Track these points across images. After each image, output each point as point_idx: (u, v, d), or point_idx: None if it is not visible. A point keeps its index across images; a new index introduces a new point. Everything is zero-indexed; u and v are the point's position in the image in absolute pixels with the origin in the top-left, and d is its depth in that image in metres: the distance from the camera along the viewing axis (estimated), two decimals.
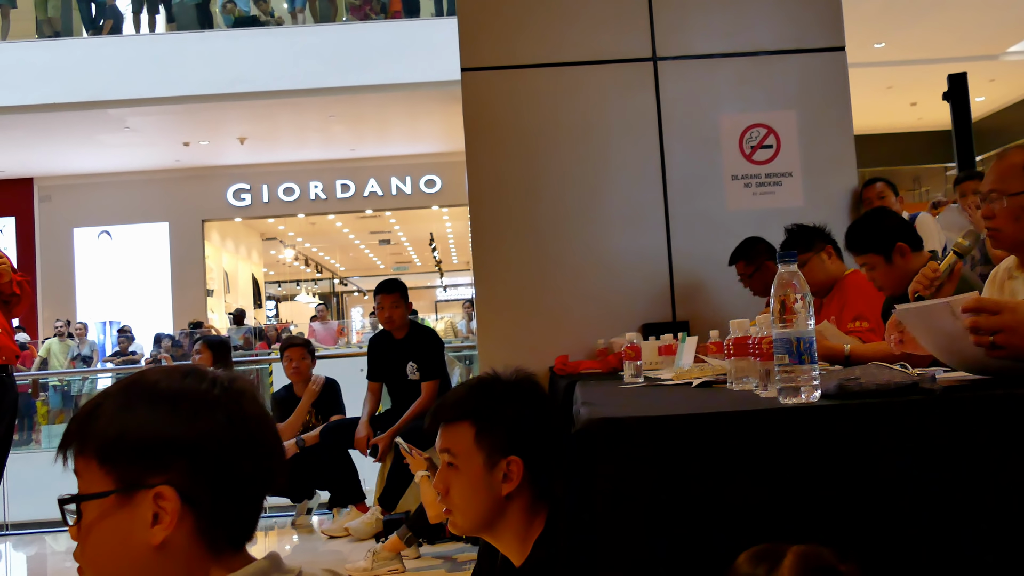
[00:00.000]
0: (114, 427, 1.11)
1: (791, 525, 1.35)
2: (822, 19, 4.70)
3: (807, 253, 3.66)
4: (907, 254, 2.98)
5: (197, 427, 1.11)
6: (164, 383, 1.15)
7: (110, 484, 1.10)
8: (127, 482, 1.10)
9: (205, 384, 1.16)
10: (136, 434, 1.10)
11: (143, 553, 1.10)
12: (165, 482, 1.09)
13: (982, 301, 1.54)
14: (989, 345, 1.52)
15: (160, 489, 1.09)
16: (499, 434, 1.81)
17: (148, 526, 1.09)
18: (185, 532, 1.11)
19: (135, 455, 1.10)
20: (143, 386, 1.15)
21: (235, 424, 1.14)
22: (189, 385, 1.15)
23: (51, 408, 11.06)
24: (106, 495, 1.10)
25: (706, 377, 2.31)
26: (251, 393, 1.19)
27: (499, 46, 4.68)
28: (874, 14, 9.90)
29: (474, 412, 1.84)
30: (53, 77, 11.89)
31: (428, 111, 13.16)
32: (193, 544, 1.11)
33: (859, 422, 1.40)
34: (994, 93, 13.58)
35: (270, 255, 22.62)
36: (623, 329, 3.94)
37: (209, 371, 1.19)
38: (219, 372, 1.20)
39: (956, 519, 1.36)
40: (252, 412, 1.17)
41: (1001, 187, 2.13)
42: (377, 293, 5.31)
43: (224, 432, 1.12)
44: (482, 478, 1.81)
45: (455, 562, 4.45)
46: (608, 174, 4.63)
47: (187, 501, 1.10)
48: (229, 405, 1.14)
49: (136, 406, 1.12)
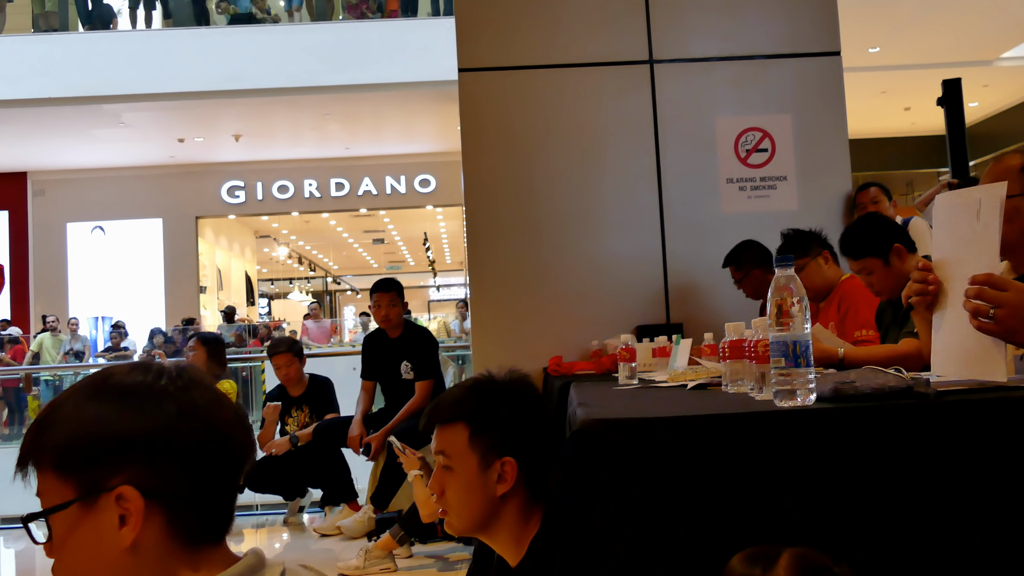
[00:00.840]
0: (63, 433, 1.07)
1: (787, 526, 1.36)
2: (818, 23, 4.72)
3: (804, 258, 3.66)
4: (904, 256, 2.99)
5: (146, 421, 1.07)
6: (111, 380, 1.11)
7: (70, 493, 1.07)
8: (86, 488, 1.06)
9: (151, 376, 1.12)
10: (86, 437, 1.06)
11: (117, 557, 1.07)
12: (124, 482, 1.06)
13: (993, 276, 1.56)
14: (988, 316, 1.53)
15: (120, 490, 1.05)
16: (493, 435, 1.82)
17: (116, 529, 1.06)
18: (155, 530, 1.07)
19: (89, 459, 1.06)
20: (90, 387, 1.11)
21: (186, 414, 1.09)
22: (135, 379, 1.11)
23: (42, 403, 11.03)
24: (68, 505, 1.07)
25: (701, 379, 2.32)
26: (201, 381, 1.14)
27: (496, 47, 4.69)
28: (869, 19, 9.94)
29: (468, 414, 1.85)
30: (48, 71, 11.87)
31: (423, 111, 13.17)
32: (166, 541, 1.08)
33: (854, 425, 1.42)
34: (987, 98, 13.64)
35: (263, 252, 22.61)
36: (617, 331, 3.95)
37: (156, 363, 1.16)
38: (167, 363, 1.16)
39: (950, 522, 1.38)
40: (204, 400, 1.12)
41: None
42: (374, 292, 5.30)
43: (175, 423, 1.08)
44: (477, 479, 1.82)
45: (447, 561, 4.45)
46: (604, 176, 4.64)
47: (150, 498, 1.06)
48: (178, 395, 1.10)
49: (83, 408, 1.09)
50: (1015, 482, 1.38)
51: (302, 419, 5.69)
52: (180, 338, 12.73)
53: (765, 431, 1.42)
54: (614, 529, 1.36)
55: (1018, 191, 2.13)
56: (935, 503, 1.39)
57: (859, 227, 3.18)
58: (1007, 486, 1.39)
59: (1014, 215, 2.14)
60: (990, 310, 1.53)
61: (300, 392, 5.70)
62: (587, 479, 1.38)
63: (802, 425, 1.43)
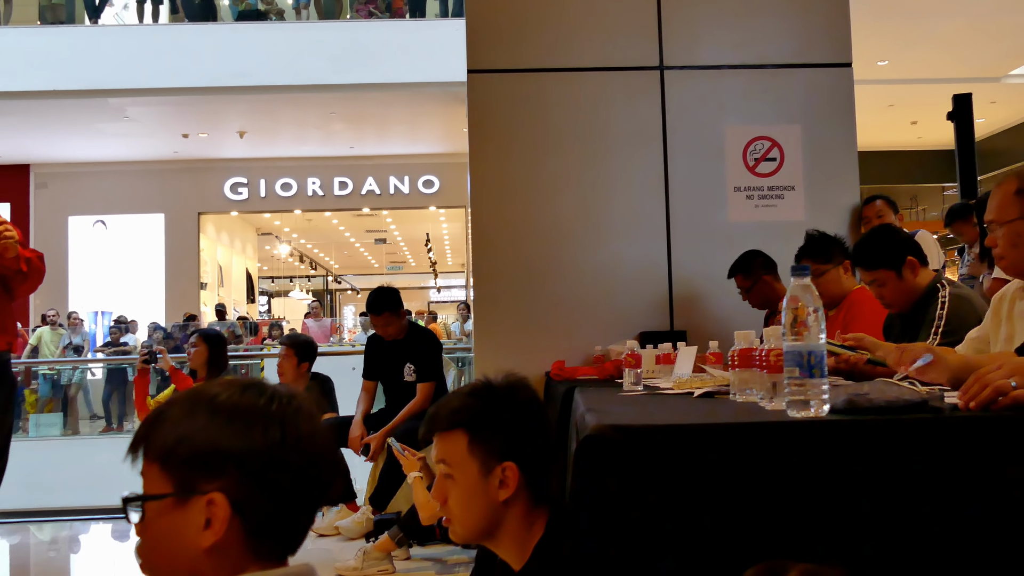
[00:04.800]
0: (174, 435, 1.19)
1: (798, 539, 1.34)
2: (830, 35, 4.71)
3: (827, 264, 3.60)
4: (917, 269, 2.98)
5: (251, 441, 1.18)
6: (223, 396, 1.21)
7: (168, 487, 1.18)
8: (183, 487, 1.17)
9: (263, 399, 1.22)
10: (193, 443, 1.18)
11: (194, 554, 1.17)
12: (218, 489, 1.16)
13: None
14: None
15: (212, 496, 1.16)
16: (492, 441, 1.81)
17: (200, 529, 1.17)
18: (234, 538, 1.18)
19: (190, 462, 1.17)
20: (205, 397, 1.22)
21: (288, 440, 1.20)
22: (247, 399, 1.22)
23: (40, 397, 11.00)
24: (163, 497, 1.18)
25: (707, 387, 2.30)
26: (308, 411, 1.25)
27: (506, 49, 4.68)
28: (878, 32, 9.93)
29: (466, 421, 1.84)
30: (54, 64, 11.85)
31: (429, 112, 13.16)
32: (241, 550, 1.19)
33: (868, 437, 1.40)
34: (995, 115, 13.63)
35: (265, 250, 22.59)
36: (620, 337, 3.93)
37: (269, 386, 1.25)
38: (279, 387, 1.26)
39: (962, 537, 1.36)
40: (306, 430, 1.23)
41: (997, 217, 2.22)
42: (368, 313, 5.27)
43: (276, 447, 1.19)
44: (478, 486, 1.81)
45: (445, 564, 4.43)
46: (611, 181, 4.62)
47: (237, 509, 1.17)
48: (284, 421, 1.21)
49: (196, 416, 1.20)
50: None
51: None
52: (180, 334, 12.70)
53: (778, 441, 1.40)
54: (623, 536, 1.35)
55: (1016, 215, 2.15)
56: (948, 518, 1.37)
57: (874, 238, 3.16)
58: (1020, 502, 1.37)
59: (1017, 239, 2.15)
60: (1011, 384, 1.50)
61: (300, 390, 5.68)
62: (597, 485, 1.37)
63: (816, 436, 1.41)
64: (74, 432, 10.95)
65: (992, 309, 2.45)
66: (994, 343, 2.40)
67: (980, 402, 1.48)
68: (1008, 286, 2.41)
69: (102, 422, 11.45)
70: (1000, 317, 2.38)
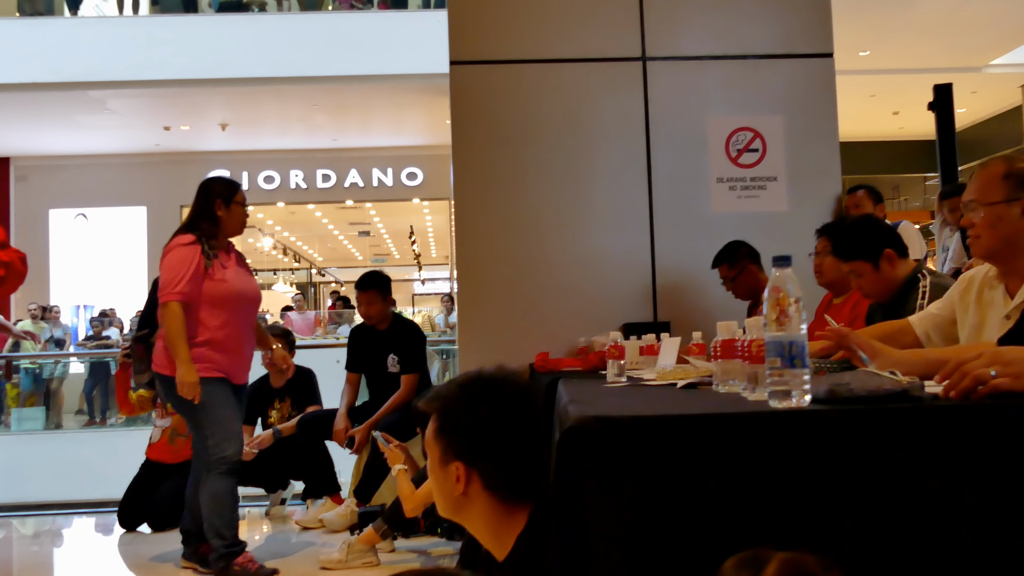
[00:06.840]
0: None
1: (780, 529, 1.35)
2: (811, 25, 4.72)
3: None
4: (895, 261, 2.99)
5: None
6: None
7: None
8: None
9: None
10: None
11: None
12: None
13: None
14: None
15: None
16: (452, 439, 1.81)
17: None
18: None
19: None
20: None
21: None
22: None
23: (22, 391, 10.92)
24: None
25: (690, 378, 2.31)
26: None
27: (489, 41, 4.67)
28: (859, 22, 9.96)
29: (438, 409, 1.86)
30: (33, 56, 11.73)
31: (412, 103, 13.12)
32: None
33: (849, 427, 1.40)
34: (975, 105, 13.69)
35: (248, 243, 22.47)
36: (604, 328, 3.94)
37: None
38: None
39: (942, 526, 1.37)
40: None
41: (980, 197, 2.21)
42: (356, 288, 5.26)
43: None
44: (439, 472, 1.83)
45: (430, 556, 4.43)
46: (594, 172, 4.63)
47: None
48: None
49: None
50: (1009, 487, 1.38)
51: (284, 411, 5.65)
52: None
53: (760, 431, 1.40)
54: (606, 528, 1.35)
55: (1000, 198, 2.15)
56: (928, 507, 1.38)
57: (852, 230, 3.17)
58: (1001, 491, 1.38)
59: (997, 222, 2.15)
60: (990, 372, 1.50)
61: (282, 384, 5.66)
62: (579, 476, 1.37)
63: (797, 426, 1.42)
64: (57, 426, 10.89)
65: (959, 290, 2.43)
66: (961, 328, 2.39)
67: (960, 391, 1.49)
68: (977, 269, 2.40)
69: (85, 416, 11.40)
70: (968, 302, 2.38)
